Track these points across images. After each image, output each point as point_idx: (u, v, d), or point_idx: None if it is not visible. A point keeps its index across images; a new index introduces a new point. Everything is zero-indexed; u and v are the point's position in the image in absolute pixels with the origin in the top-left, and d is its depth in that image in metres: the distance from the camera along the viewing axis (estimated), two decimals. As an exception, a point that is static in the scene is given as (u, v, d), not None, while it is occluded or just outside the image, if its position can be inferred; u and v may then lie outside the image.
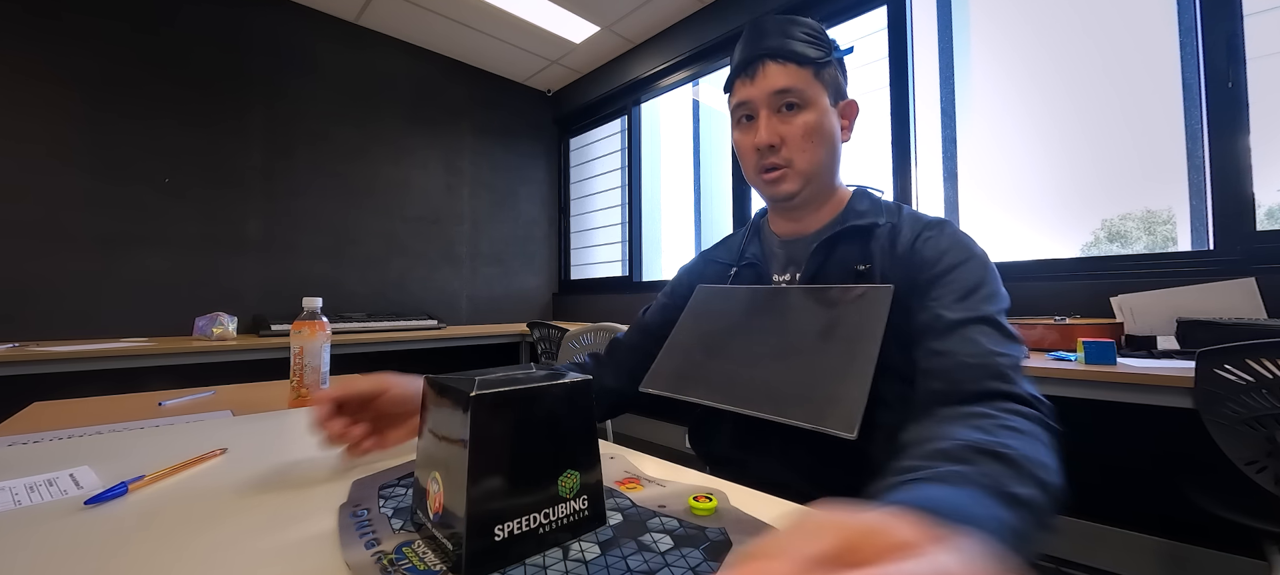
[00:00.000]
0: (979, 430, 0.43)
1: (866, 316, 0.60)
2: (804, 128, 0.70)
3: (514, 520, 0.37)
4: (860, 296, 0.63)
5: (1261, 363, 0.96)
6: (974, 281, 0.61)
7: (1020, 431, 0.44)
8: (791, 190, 0.72)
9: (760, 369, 0.63)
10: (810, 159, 0.71)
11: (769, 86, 0.70)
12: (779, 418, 0.57)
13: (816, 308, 0.66)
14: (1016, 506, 0.36)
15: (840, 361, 0.58)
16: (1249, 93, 1.54)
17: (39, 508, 0.47)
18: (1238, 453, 1.01)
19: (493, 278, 3.75)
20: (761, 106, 0.71)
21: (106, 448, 0.66)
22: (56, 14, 2.31)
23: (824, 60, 0.70)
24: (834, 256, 0.72)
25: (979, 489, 0.36)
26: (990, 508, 0.34)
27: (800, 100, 0.70)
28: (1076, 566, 1.67)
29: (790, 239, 0.79)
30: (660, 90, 3.44)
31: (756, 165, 0.73)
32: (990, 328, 0.56)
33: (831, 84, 0.72)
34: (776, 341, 0.65)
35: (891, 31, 2.32)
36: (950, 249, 0.64)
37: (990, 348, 0.54)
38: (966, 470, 0.38)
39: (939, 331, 0.58)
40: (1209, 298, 1.50)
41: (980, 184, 2.12)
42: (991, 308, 0.58)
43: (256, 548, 0.40)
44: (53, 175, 2.29)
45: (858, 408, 0.52)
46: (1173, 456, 1.59)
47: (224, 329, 2.38)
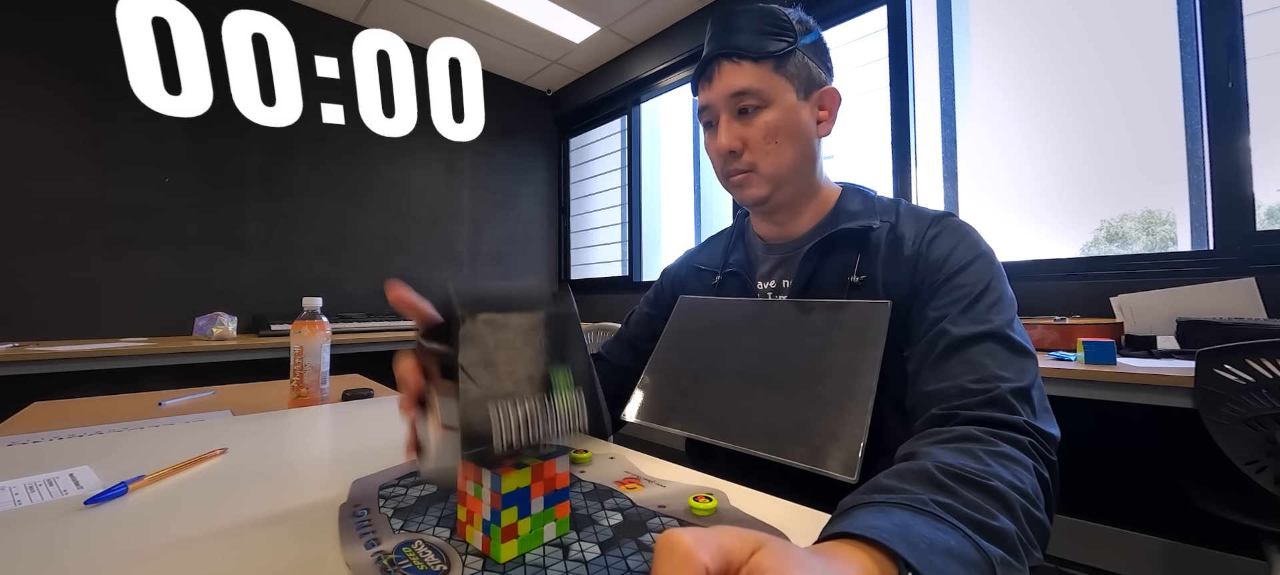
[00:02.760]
0: (967, 455, 0.41)
1: (864, 340, 0.56)
2: (765, 129, 0.65)
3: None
4: (856, 315, 0.59)
5: (1261, 362, 0.96)
6: (981, 286, 0.57)
7: (1009, 459, 0.42)
8: (760, 195, 0.68)
9: (753, 400, 0.59)
10: (775, 161, 0.66)
11: (726, 88, 0.65)
12: (775, 457, 0.54)
13: (809, 326, 0.62)
14: (992, 539, 0.34)
15: (838, 392, 0.54)
16: (1249, 93, 1.54)
17: (39, 508, 0.47)
18: (1237, 453, 1.01)
19: (493, 277, 3.75)
20: (721, 110, 0.67)
21: (106, 448, 0.66)
22: (58, 14, 2.31)
23: (785, 51, 0.64)
24: (827, 264, 0.67)
25: (952, 521, 0.34)
26: (957, 541, 0.32)
27: (759, 101, 0.64)
28: (1076, 566, 1.67)
29: (775, 243, 0.74)
30: (660, 90, 3.44)
31: (722, 170, 0.69)
32: (997, 345, 0.52)
33: (799, 75, 0.66)
34: (768, 366, 0.61)
35: (891, 31, 2.32)
36: (958, 247, 0.60)
37: (996, 371, 0.50)
38: (942, 499, 0.36)
39: (943, 351, 0.53)
40: (1209, 298, 1.50)
41: (980, 184, 2.12)
42: (1000, 318, 0.54)
43: (256, 548, 0.40)
44: (53, 175, 2.29)
45: (857, 446, 0.49)
46: (1172, 456, 1.59)
47: (224, 329, 2.38)
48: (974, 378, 0.50)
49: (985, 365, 0.50)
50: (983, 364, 0.50)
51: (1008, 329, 0.53)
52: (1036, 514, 0.39)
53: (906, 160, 2.25)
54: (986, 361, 0.51)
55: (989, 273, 0.58)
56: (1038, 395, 0.50)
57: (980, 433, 0.45)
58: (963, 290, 0.57)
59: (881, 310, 0.58)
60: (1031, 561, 0.36)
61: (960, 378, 0.50)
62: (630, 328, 0.85)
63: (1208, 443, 1.04)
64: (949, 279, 0.58)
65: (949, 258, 0.60)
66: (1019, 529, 0.36)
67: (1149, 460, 1.64)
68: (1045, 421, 0.48)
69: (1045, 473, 0.43)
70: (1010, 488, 0.38)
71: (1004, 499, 0.37)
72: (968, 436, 0.44)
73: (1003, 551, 0.34)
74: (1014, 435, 0.45)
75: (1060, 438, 0.48)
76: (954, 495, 0.37)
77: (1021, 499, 0.38)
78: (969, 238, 0.62)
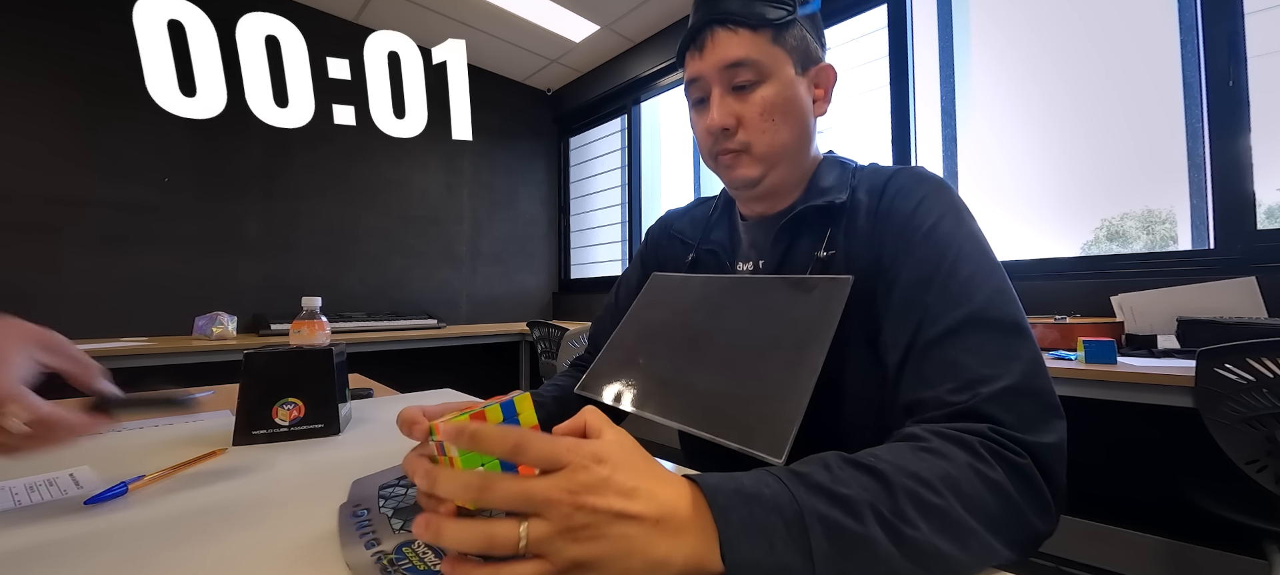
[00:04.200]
0: (884, 449, 0.39)
1: (818, 317, 0.52)
2: (762, 105, 0.59)
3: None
4: (819, 292, 0.55)
5: (1262, 361, 0.96)
6: (953, 249, 0.50)
7: (931, 453, 0.38)
8: (752, 176, 0.62)
9: (700, 377, 0.56)
10: (772, 140, 0.60)
11: (719, 59, 0.59)
12: (710, 435, 0.50)
13: (771, 305, 0.58)
14: (821, 495, 0.33)
15: (784, 371, 0.50)
16: (1249, 92, 1.54)
17: (39, 507, 0.47)
18: (1238, 452, 1.01)
19: (493, 277, 3.75)
20: (713, 83, 0.60)
21: (106, 448, 0.66)
22: (58, 15, 2.31)
23: (785, 20, 0.58)
24: (799, 241, 0.63)
25: (779, 476, 0.34)
26: (772, 487, 0.33)
27: (757, 74, 0.59)
28: (1077, 566, 1.67)
29: (755, 221, 0.69)
30: (660, 89, 3.43)
31: (711, 149, 0.63)
32: (980, 332, 0.45)
33: (798, 48, 0.60)
34: (724, 343, 0.58)
35: (891, 31, 2.32)
36: (921, 204, 0.54)
37: (978, 372, 0.43)
38: (800, 469, 0.35)
39: (921, 348, 0.47)
40: (1209, 297, 1.50)
41: (980, 184, 2.12)
42: (982, 291, 0.47)
43: (256, 547, 0.40)
44: (53, 175, 2.29)
45: (790, 427, 0.45)
46: (1173, 456, 1.59)
47: (224, 329, 2.38)
48: (951, 386, 0.43)
49: (966, 367, 0.44)
50: (962, 365, 0.44)
51: (993, 306, 0.46)
52: (928, 497, 0.34)
53: (906, 160, 2.25)
54: (967, 360, 0.44)
55: (958, 232, 0.51)
56: (1031, 385, 0.43)
57: (922, 431, 0.41)
58: (933, 262, 0.50)
59: (841, 286, 0.53)
60: (914, 541, 0.33)
61: (938, 386, 0.44)
62: (620, 302, 0.82)
63: (1208, 442, 1.04)
64: (915, 246, 0.52)
65: (910, 219, 0.54)
66: (885, 502, 0.34)
67: (1149, 460, 1.64)
68: (1033, 427, 0.41)
69: (995, 473, 0.38)
70: (896, 469, 0.35)
71: (878, 474, 0.35)
72: (908, 436, 0.41)
73: (837, 510, 0.32)
74: (962, 435, 0.40)
75: (1060, 437, 0.42)
76: (814, 463, 0.36)
77: (911, 482, 0.35)
78: (930, 192, 0.55)
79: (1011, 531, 0.37)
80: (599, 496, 0.29)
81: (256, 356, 0.70)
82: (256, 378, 0.69)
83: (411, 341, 2.76)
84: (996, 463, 0.38)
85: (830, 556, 0.31)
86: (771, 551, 0.31)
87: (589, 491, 0.29)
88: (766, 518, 0.32)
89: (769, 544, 0.31)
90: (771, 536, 0.31)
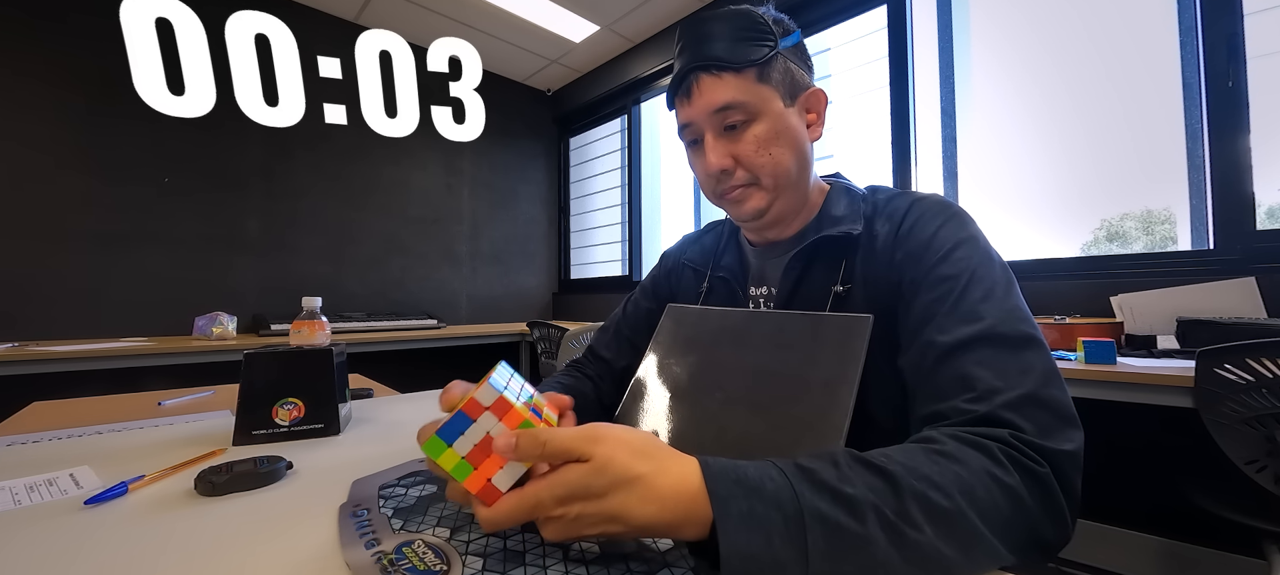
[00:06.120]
0: (895, 450, 0.39)
1: (844, 357, 0.52)
2: (756, 142, 0.60)
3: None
4: (838, 329, 0.55)
5: (1261, 362, 0.96)
6: (966, 274, 0.51)
7: (944, 456, 0.38)
8: (760, 207, 0.62)
9: (732, 420, 0.56)
10: (774, 167, 0.60)
11: (707, 104, 0.59)
12: None
13: (792, 340, 0.58)
14: (822, 492, 0.34)
15: (813, 414, 0.51)
16: (1249, 92, 1.54)
17: (39, 508, 0.47)
18: (1238, 452, 1.01)
19: (492, 277, 3.75)
20: (705, 127, 0.61)
21: (106, 448, 0.66)
22: (59, 15, 2.31)
23: (768, 56, 0.59)
24: (811, 272, 0.63)
25: (783, 470, 0.35)
26: (774, 480, 0.34)
27: (746, 114, 0.59)
28: (1077, 566, 1.67)
29: (763, 248, 0.70)
30: (660, 89, 3.43)
31: (714, 189, 0.64)
32: (992, 347, 0.46)
33: (783, 81, 0.61)
34: (749, 382, 0.58)
35: (891, 31, 2.32)
36: (938, 233, 0.55)
37: (992, 384, 0.44)
38: (805, 464, 0.36)
39: (933, 364, 0.48)
40: (1209, 297, 1.50)
41: (980, 184, 2.12)
42: (994, 311, 0.48)
43: (256, 547, 0.40)
44: (53, 175, 2.29)
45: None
46: (1173, 456, 1.59)
47: (224, 329, 2.38)
48: (969, 396, 0.44)
49: (980, 379, 0.44)
50: (976, 377, 0.45)
51: (1004, 323, 0.47)
52: (937, 500, 0.35)
53: (906, 160, 2.25)
54: (981, 374, 0.45)
55: (974, 256, 0.52)
56: (1049, 394, 0.43)
57: (938, 435, 0.41)
58: (948, 283, 0.51)
59: (862, 325, 0.53)
60: (917, 544, 0.33)
61: (955, 397, 0.45)
62: (629, 322, 0.82)
63: (1208, 442, 1.04)
64: (931, 270, 0.53)
65: (929, 245, 0.55)
66: (890, 503, 0.34)
67: (1149, 460, 1.64)
68: (1052, 435, 0.41)
69: (1011, 479, 0.38)
70: (907, 470, 0.36)
71: (887, 475, 0.35)
72: (924, 439, 0.41)
73: (839, 510, 0.33)
74: (980, 439, 0.40)
75: (1078, 446, 0.43)
76: (823, 459, 0.37)
77: (920, 484, 0.35)
78: (949, 220, 0.56)
79: (1022, 539, 0.37)
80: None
81: (256, 356, 0.70)
82: (256, 378, 0.69)
83: (411, 342, 2.76)
84: (1013, 468, 0.38)
85: (826, 555, 0.31)
86: (768, 546, 0.31)
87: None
88: (766, 512, 0.32)
89: (766, 538, 0.31)
90: (769, 531, 0.32)
